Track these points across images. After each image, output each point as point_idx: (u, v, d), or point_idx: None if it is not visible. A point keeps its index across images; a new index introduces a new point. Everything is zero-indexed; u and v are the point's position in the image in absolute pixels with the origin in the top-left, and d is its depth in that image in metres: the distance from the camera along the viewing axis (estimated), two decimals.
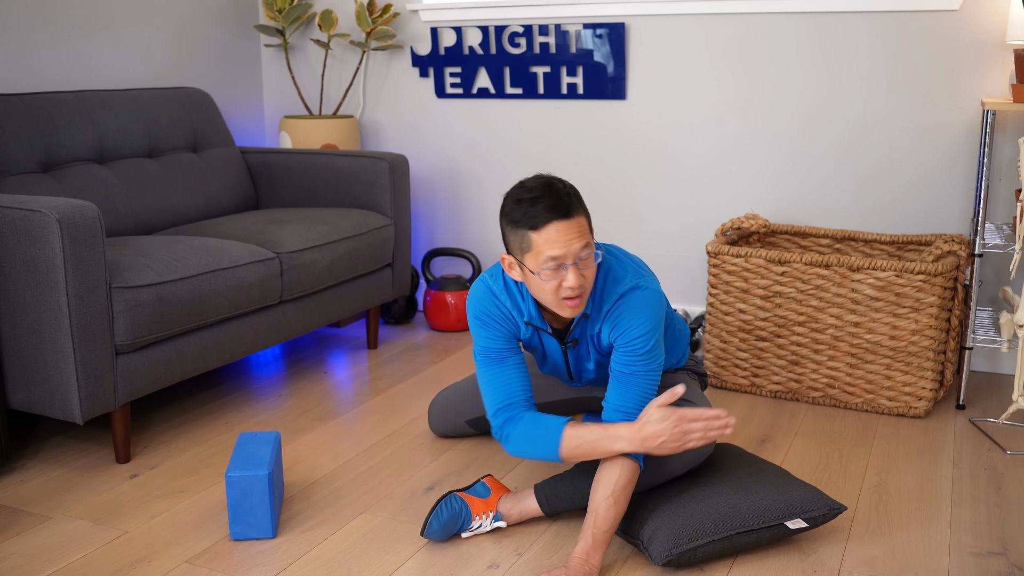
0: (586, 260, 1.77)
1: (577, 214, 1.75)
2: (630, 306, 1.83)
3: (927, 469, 2.28)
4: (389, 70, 3.62)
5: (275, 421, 2.59)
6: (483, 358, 1.90)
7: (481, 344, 1.90)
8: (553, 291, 1.77)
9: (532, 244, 1.75)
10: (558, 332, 1.96)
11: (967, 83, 2.82)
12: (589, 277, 1.79)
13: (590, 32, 3.21)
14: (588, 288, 1.80)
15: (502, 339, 1.89)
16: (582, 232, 1.75)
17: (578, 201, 1.78)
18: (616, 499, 1.78)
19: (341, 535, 1.96)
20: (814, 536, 1.96)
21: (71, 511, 2.06)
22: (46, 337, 2.11)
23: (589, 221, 1.81)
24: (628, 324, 1.83)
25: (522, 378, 1.89)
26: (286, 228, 2.76)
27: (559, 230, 1.73)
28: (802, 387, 2.72)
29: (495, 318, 1.90)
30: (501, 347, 1.89)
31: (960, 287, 2.60)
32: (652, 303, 1.84)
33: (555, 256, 1.73)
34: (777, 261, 2.66)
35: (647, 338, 1.82)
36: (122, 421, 2.27)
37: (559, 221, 1.73)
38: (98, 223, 2.12)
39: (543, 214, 1.73)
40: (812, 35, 2.96)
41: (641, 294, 1.84)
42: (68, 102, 2.76)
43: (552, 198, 1.74)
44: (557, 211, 1.73)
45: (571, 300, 1.78)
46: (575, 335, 1.93)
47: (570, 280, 1.74)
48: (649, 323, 1.82)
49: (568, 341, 1.95)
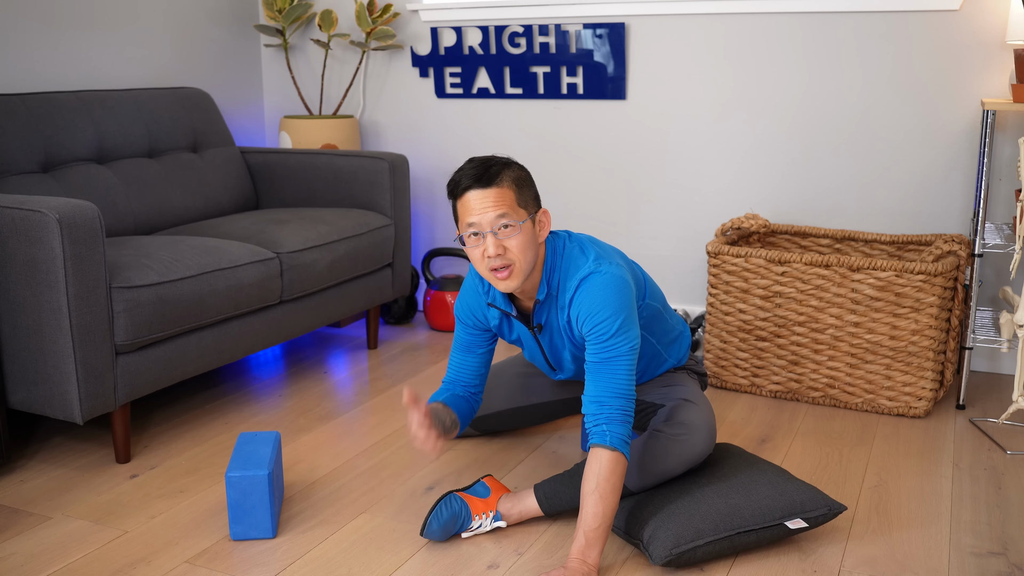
0: (507, 231, 1.81)
1: (500, 185, 1.82)
2: (588, 292, 1.84)
3: (927, 469, 2.28)
4: (389, 70, 3.62)
5: (275, 421, 2.59)
6: (455, 343, 2.11)
7: (456, 332, 2.10)
8: (479, 260, 1.85)
9: (457, 213, 1.87)
10: (524, 318, 2.00)
11: (967, 83, 2.82)
12: (514, 249, 1.82)
13: (590, 32, 3.21)
14: (519, 264, 1.83)
15: (471, 334, 2.07)
16: (500, 202, 1.81)
17: (512, 179, 1.84)
18: (601, 493, 1.75)
19: (341, 535, 1.96)
20: (814, 536, 1.96)
21: (71, 511, 2.06)
22: (46, 337, 2.11)
23: (521, 198, 1.84)
24: (589, 310, 1.83)
25: (473, 369, 2.09)
26: (286, 228, 2.76)
27: (475, 198, 1.82)
28: (802, 387, 2.72)
29: (466, 308, 2.05)
30: (468, 339, 2.08)
31: (960, 287, 2.60)
32: (609, 286, 1.84)
33: (470, 223, 1.82)
34: (777, 261, 2.66)
35: (610, 322, 1.81)
36: (122, 421, 2.27)
37: (477, 189, 1.82)
38: (98, 223, 2.12)
39: (464, 181, 1.83)
40: (812, 35, 2.96)
41: (597, 278, 1.85)
42: (68, 102, 2.76)
43: (478, 168, 1.83)
44: (477, 180, 1.82)
45: (499, 272, 1.84)
46: (539, 319, 1.97)
47: (488, 249, 1.81)
48: (609, 307, 1.82)
49: (534, 326, 1.98)
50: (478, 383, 2.11)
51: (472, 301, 2.04)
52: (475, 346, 2.08)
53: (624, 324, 1.82)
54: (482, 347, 2.08)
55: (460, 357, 2.09)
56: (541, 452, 2.38)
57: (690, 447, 1.95)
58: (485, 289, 2.01)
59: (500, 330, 2.06)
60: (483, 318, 2.04)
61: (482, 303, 2.03)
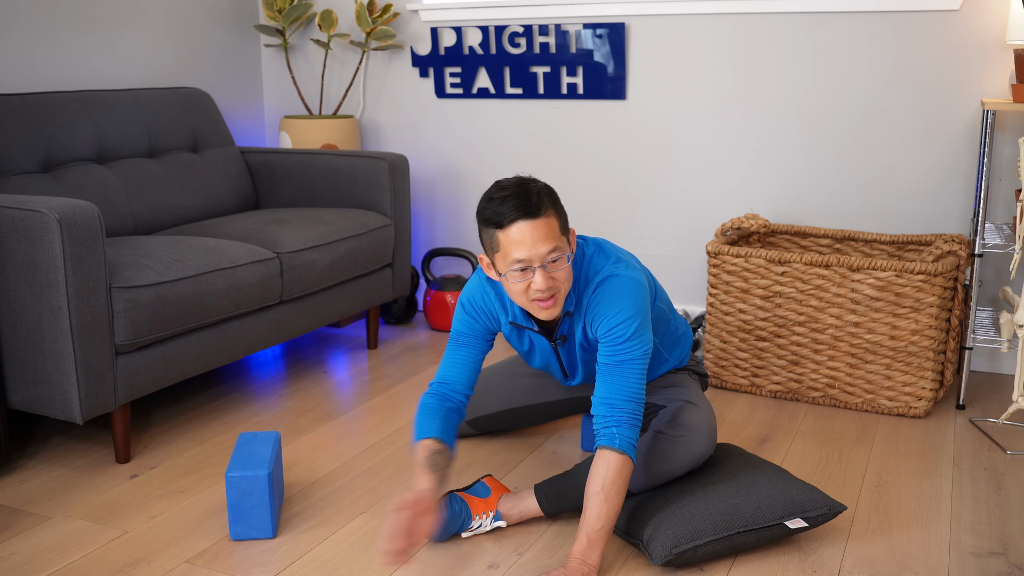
0: (555, 264, 1.76)
1: (546, 215, 1.75)
2: (605, 295, 1.83)
3: (927, 469, 2.28)
4: (389, 70, 3.62)
5: (275, 421, 2.59)
6: (452, 337, 1.99)
7: (455, 325, 1.98)
8: (522, 292, 1.78)
9: (499, 244, 1.77)
10: (546, 330, 1.97)
11: (967, 83, 2.82)
12: (561, 279, 1.78)
13: (590, 32, 3.21)
14: (563, 290, 1.80)
15: (474, 331, 1.96)
16: (550, 235, 1.75)
17: (551, 202, 1.78)
18: (607, 495, 1.75)
19: (341, 535, 1.96)
20: (814, 536, 1.96)
21: (71, 511, 2.06)
22: (46, 337, 2.11)
23: (563, 222, 1.80)
24: (605, 313, 1.82)
25: (467, 370, 1.96)
26: (286, 228, 2.76)
27: (524, 230, 1.73)
28: (802, 387, 2.72)
29: (478, 310, 1.96)
30: (469, 336, 1.97)
31: (960, 287, 2.60)
32: (627, 289, 1.83)
33: (520, 259, 1.74)
34: (777, 261, 2.66)
35: (625, 326, 1.80)
36: (122, 421, 2.27)
37: (525, 221, 1.73)
38: (98, 223, 2.12)
39: (510, 213, 1.73)
40: (812, 35, 2.96)
41: (615, 281, 1.83)
42: (68, 102, 2.76)
43: (521, 197, 1.74)
44: (524, 211, 1.73)
45: (543, 302, 1.79)
46: (563, 331, 1.94)
47: (538, 283, 1.75)
48: (626, 310, 1.81)
49: (557, 338, 1.95)
50: (471, 384, 2.00)
51: (480, 301, 1.97)
52: (476, 340, 1.99)
53: (639, 328, 1.81)
54: (482, 344, 2.00)
55: (459, 352, 1.99)
56: (541, 452, 2.38)
57: (691, 449, 1.95)
58: (500, 303, 1.95)
59: (509, 337, 2.03)
60: (494, 321, 1.97)
61: (494, 306, 1.96)
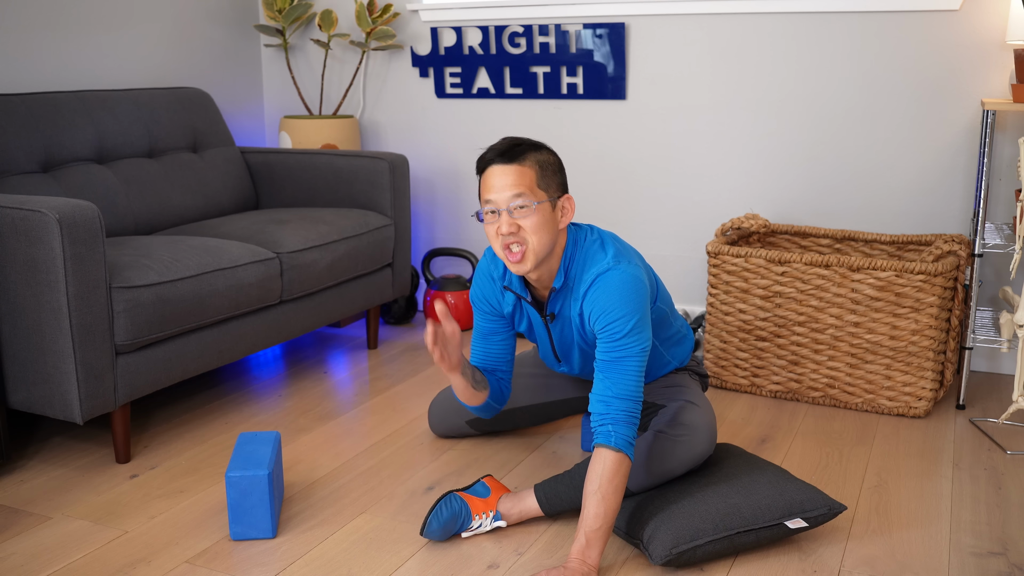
0: (521, 211, 1.81)
1: (523, 164, 1.82)
2: (603, 288, 1.84)
3: (927, 469, 2.28)
4: (389, 70, 3.62)
5: (275, 421, 2.59)
6: (475, 331, 2.12)
7: (475, 320, 2.12)
8: (495, 237, 1.85)
9: (480, 186, 1.86)
10: (539, 304, 2.00)
11: (967, 83, 2.82)
12: (529, 230, 1.82)
13: (590, 32, 3.21)
14: (532, 245, 1.83)
15: (489, 320, 2.08)
16: (520, 182, 1.81)
17: (537, 161, 1.84)
18: (604, 494, 1.74)
19: (341, 535, 1.97)
20: (814, 536, 1.96)
21: (71, 511, 2.07)
22: (46, 337, 2.11)
23: (544, 180, 1.84)
24: (604, 307, 1.83)
25: (497, 355, 2.09)
26: (286, 228, 2.76)
27: (496, 173, 1.82)
28: (802, 387, 2.72)
29: (484, 299, 2.06)
30: (487, 327, 2.09)
31: (960, 287, 2.61)
32: (626, 284, 1.83)
33: (488, 199, 1.83)
34: (777, 261, 2.66)
35: (623, 321, 1.81)
36: (122, 421, 2.28)
37: (499, 165, 1.82)
38: (98, 223, 2.12)
39: (489, 155, 1.84)
40: (812, 35, 2.96)
41: (615, 275, 1.84)
42: (68, 102, 2.76)
43: (506, 145, 1.84)
44: (501, 155, 1.82)
45: (512, 253, 1.84)
46: (552, 308, 1.97)
47: (502, 226, 1.81)
48: (625, 306, 1.81)
49: (547, 314, 1.98)
50: (506, 368, 2.11)
51: (486, 287, 2.06)
52: (495, 332, 2.08)
53: (637, 325, 1.81)
54: (502, 332, 2.08)
55: (482, 344, 2.10)
56: (541, 452, 2.38)
57: (691, 448, 1.95)
58: (500, 273, 2.02)
59: (512, 317, 2.07)
60: (497, 304, 2.05)
61: (496, 289, 2.04)
